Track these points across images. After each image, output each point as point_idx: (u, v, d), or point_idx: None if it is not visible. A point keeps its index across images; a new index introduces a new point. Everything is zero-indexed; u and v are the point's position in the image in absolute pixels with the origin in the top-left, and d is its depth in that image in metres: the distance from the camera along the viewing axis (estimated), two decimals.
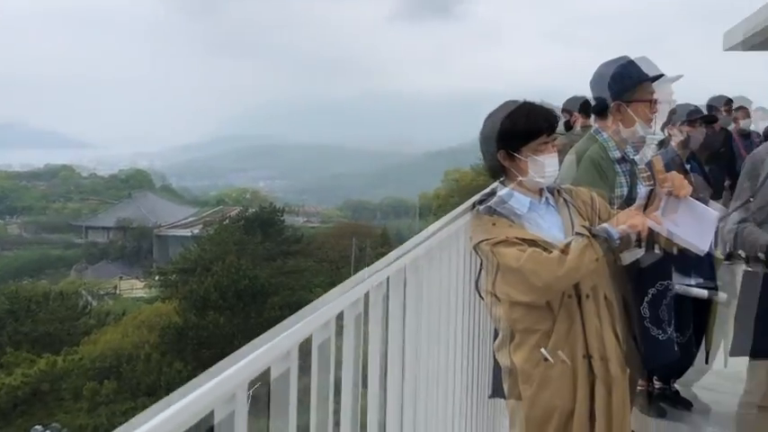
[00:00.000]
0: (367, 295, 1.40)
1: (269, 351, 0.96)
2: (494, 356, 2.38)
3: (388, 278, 1.56)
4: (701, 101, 6.44)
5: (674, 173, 2.17)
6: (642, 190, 2.18)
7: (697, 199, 2.26)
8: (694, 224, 2.18)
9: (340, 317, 1.24)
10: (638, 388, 4.12)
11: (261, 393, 1.04)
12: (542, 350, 2.12)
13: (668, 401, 4.22)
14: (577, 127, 5.80)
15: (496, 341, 2.30)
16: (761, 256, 3.02)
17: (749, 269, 3.12)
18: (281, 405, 1.01)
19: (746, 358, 3.13)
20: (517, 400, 2.20)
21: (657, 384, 4.30)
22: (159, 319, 26.41)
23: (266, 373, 0.96)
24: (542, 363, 2.13)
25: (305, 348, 1.16)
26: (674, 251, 2.39)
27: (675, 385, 4.32)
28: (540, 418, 2.15)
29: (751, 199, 3.02)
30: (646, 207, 2.13)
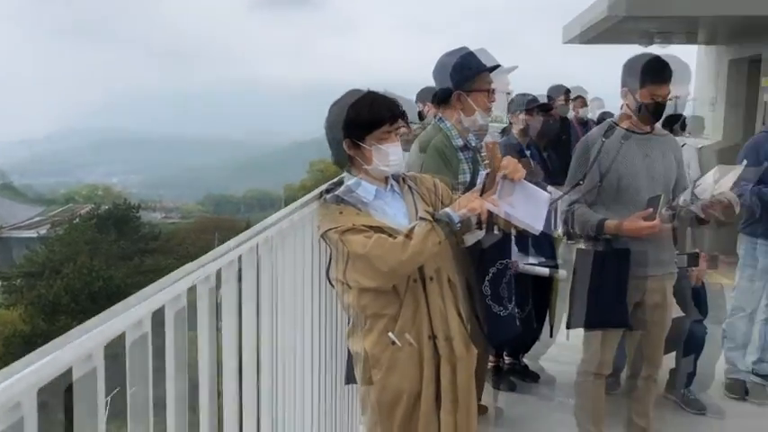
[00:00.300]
0: (194, 288, 1.36)
1: (65, 353, 0.89)
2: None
3: (219, 270, 1.52)
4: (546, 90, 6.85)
5: (508, 157, 2.28)
6: (480, 174, 2.27)
7: (532, 182, 2.39)
8: (529, 205, 2.30)
9: (160, 312, 1.19)
10: (489, 364, 4.34)
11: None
12: (390, 334, 2.17)
13: (517, 375, 4.48)
14: (430, 116, 5.98)
15: (348, 328, 2.33)
16: (591, 234, 3.27)
17: (581, 247, 3.36)
18: (89, 410, 0.94)
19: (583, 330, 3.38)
20: (368, 385, 2.24)
21: (507, 360, 4.55)
22: (3, 327, 24.40)
23: (68, 374, 0.90)
24: (390, 346, 2.18)
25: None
26: (513, 232, 2.52)
27: (524, 359, 4.59)
28: (390, 402, 2.20)
29: (580, 182, 3.24)
30: (484, 191, 2.23)
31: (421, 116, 6.37)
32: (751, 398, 4.25)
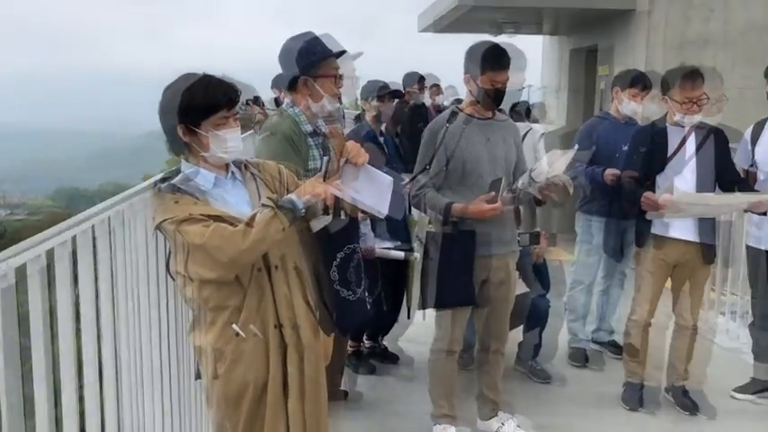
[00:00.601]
0: None
1: None
2: None
3: (23, 265, 1.39)
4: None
5: (351, 142, 2.28)
6: (323, 160, 2.26)
7: (377, 167, 2.40)
8: (373, 190, 2.32)
9: None
10: (350, 349, 4.38)
11: None
12: (234, 326, 2.12)
13: (378, 358, 4.55)
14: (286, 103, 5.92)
15: (190, 323, 2.25)
16: (439, 217, 3.37)
17: (431, 230, 3.45)
18: None
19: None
20: (212, 379, 2.18)
21: (368, 343, 4.61)
22: None
23: None
24: (234, 338, 2.12)
25: None
26: (359, 216, 2.53)
27: (384, 342, 4.67)
28: (235, 395, 2.15)
29: (427, 166, 3.33)
30: (327, 176, 2.21)
31: (278, 102, 6.31)
32: (591, 364, 4.58)
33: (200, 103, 2.09)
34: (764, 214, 3.66)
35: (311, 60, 2.95)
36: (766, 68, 3.82)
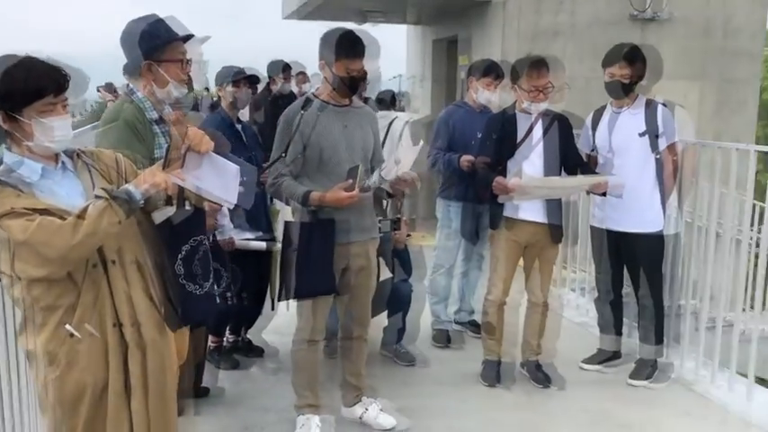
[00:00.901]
0: None
1: None
2: None
3: None
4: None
5: (193, 129, 2.19)
6: (163, 147, 2.16)
7: (222, 155, 2.31)
8: (219, 179, 2.24)
9: None
10: (211, 344, 4.25)
11: None
12: (67, 326, 1.98)
13: (241, 352, 4.45)
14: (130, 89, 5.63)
15: (18, 325, 2.08)
16: (298, 206, 3.33)
17: (288, 219, 3.41)
18: None
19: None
20: (46, 384, 2.03)
21: (231, 338, 4.50)
22: None
23: None
24: (68, 340, 1.99)
25: None
26: (205, 206, 2.44)
27: (248, 335, 4.57)
28: (71, 399, 2.02)
29: (283, 155, 3.28)
30: (169, 164, 2.11)
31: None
32: (453, 344, 4.73)
33: (20, 87, 1.92)
34: (604, 195, 3.90)
35: (155, 44, 2.80)
36: (603, 59, 4.07)
